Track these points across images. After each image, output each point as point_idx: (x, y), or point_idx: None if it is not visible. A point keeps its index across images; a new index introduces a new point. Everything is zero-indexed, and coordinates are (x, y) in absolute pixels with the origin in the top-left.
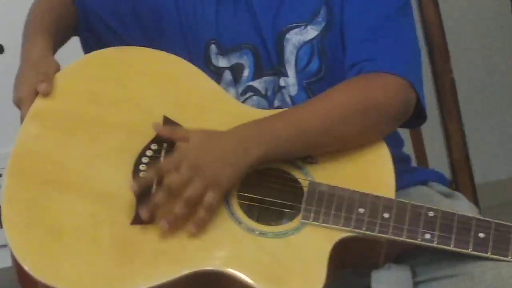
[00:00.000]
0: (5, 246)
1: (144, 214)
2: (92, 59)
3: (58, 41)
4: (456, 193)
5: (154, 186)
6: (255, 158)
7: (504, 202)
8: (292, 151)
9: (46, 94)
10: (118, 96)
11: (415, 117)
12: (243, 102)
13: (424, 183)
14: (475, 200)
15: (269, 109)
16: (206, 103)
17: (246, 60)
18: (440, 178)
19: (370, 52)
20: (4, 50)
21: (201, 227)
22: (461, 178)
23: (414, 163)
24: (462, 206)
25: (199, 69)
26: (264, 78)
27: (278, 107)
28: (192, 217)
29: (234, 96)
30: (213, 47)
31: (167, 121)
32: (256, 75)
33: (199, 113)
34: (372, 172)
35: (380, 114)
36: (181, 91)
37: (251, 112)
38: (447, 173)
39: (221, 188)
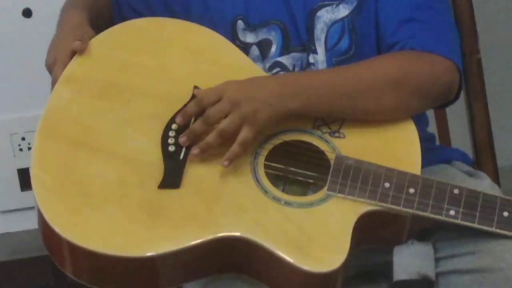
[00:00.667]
0: (29, 208)
1: (181, 139)
2: (125, 28)
3: (94, 22)
4: (480, 172)
5: (193, 120)
6: (293, 108)
7: None
8: (329, 110)
9: (81, 52)
10: (149, 65)
11: None
12: None
13: (447, 162)
14: (497, 182)
15: None
16: (236, 75)
17: (274, 36)
18: (463, 158)
19: (411, 31)
20: (32, 14)
21: (233, 161)
22: (483, 159)
23: (437, 142)
24: (484, 185)
25: (230, 42)
26: (292, 54)
27: None
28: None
29: None
30: (240, 23)
31: (197, 89)
32: (284, 51)
33: None
34: (399, 149)
35: (422, 90)
36: (212, 63)
37: None
38: (470, 153)
39: (258, 126)
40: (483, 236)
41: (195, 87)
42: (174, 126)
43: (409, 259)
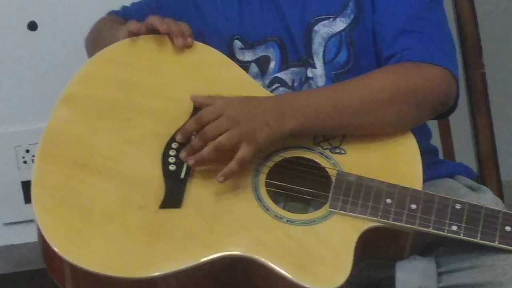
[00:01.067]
0: (32, 221)
1: (182, 154)
2: (125, 45)
3: None
4: (483, 187)
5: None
6: (291, 127)
7: None
8: (328, 127)
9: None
10: (149, 84)
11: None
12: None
13: (451, 176)
14: (500, 197)
15: None
16: (236, 92)
17: (272, 53)
18: (467, 172)
19: (407, 43)
20: (38, 27)
21: (228, 178)
22: (487, 173)
23: (441, 156)
24: (487, 199)
25: (229, 59)
26: (291, 69)
27: None
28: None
29: None
30: (236, 42)
31: (196, 110)
32: (282, 67)
33: None
34: (400, 164)
35: (419, 102)
36: (212, 81)
37: None
38: (473, 167)
39: (256, 144)
40: (485, 250)
41: (195, 107)
42: (174, 145)
43: (411, 275)
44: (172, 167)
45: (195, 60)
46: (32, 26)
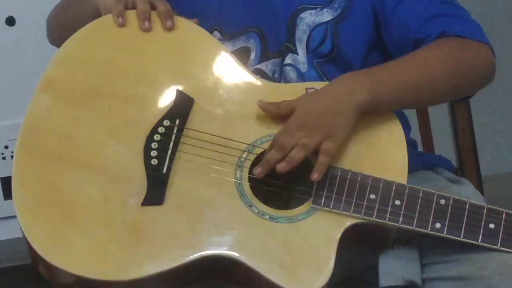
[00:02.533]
0: (11, 217)
1: (257, 171)
2: (106, 23)
3: None
4: (463, 179)
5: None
6: (362, 101)
7: (509, 195)
8: (391, 102)
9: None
10: (130, 66)
11: None
12: None
13: (430, 168)
14: (480, 190)
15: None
16: (220, 75)
17: (252, 44)
18: (446, 164)
19: (443, 23)
20: (16, 22)
21: (323, 172)
22: (467, 167)
23: (420, 149)
24: (468, 192)
25: (217, 40)
26: (271, 60)
27: None
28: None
29: None
30: (216, 33)
31: (179, 93)
32: (262, 58)
33: (212, 85)
34: (385, 153)
35: (472, 76)
36: (195, 62)
37: (268, 85)
38: (453, 161)
39: (336, 137)
40: (467, 243)
41: (178, 91)
42: (156, 136)
43: (395, 265)
44: (154, 162)
45: (179, 39)
46: (10, 21)
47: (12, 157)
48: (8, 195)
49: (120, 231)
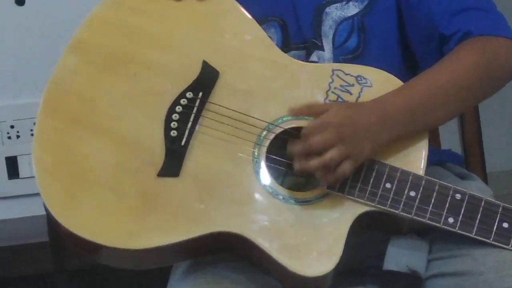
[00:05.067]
0: (15, 197)
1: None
2: None
3: None
4: (472, 174)
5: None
6: (389, 139)
7: None
8: (424, 127)
9: None
10: (159, 34)
11: None
12: None
13: (440, 163)
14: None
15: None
16: (248, 49)
17: (273, 33)
18: (455, 159)
19: (468, 20)
20: (25, 2)
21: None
22: (473, 162)
23: None
24: (477, 187)
25: (247, 13)
26: (292, 52)
27: None
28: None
29: None
30: None
31: (206, 66)
32: (283, 49)
33: (239, 59)
34: (405, 144)
35: (500, 76)
36: (223, 34)
37: (294, 63)
38: None
39: (358, 161)
40: (465, 240)
41: (204, 61)
42: (178, 108)
43: (403, 252)
44: (173, 133)
45: (210, 9)
46: (20, 1)
47: (17, 137)
48: (12, 174)
49: (131, 199)
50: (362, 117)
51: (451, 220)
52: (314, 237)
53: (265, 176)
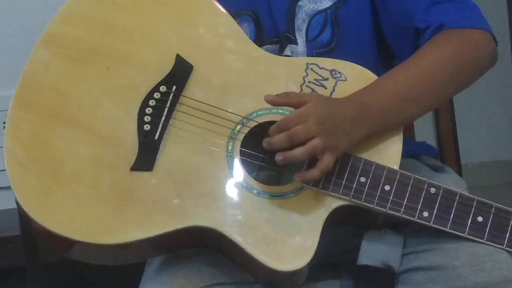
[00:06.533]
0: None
1: (264, 144)
2: None
3: None
4: (446, 167)
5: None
6: (366, 133)
7: (488, 184)
8: (398, 122)
9: None
10: (134, 28)
11: None
12: None
13: (414, 156)
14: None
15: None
16: (222, 42)
17: (246, 27)
18: (430, 151)
19: (442, 12)
20: None
21: (308, 182)
22: (447, 154)
23: None
24: (451, 179)
25: (221, 7)
26: (266, 46)
27: None
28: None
29: None
30: None
31: (179, 59)
32: (256, 43)
33: (214, 53)
34: (380, 138)
35: (474, 68)
36: (197, 28)
37: (269, 57)
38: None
39: (336, 154)
40: (439, 234)
41: (177, 55)
42: (151, 102)
43: (377, 246)
44: (146, 127)
45: (184, 3)
46: None
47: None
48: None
49: (107, 194)
50: (340, 111)
51: (425, 214)
52: (288, 231)
53: (239, 170)
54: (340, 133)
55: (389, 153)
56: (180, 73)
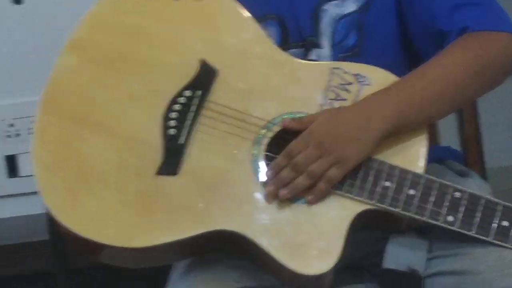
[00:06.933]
0: (15, 195)
1: (270, 188)
2: None
3: None
4: (472, 172)
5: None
6: (381, 131)
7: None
8: (415, 121)
9: None
10: (158, 33)
11: None
12: None
13: (439, 161)
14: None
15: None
16: (246, 47)
17: (271, 31)
18: (455, 155)
19: (467, 15)
20: (23, 0)
21: (319, 198)
22: (471, 159)
23: None
24: (475, 185)
25: (246, 11)
26: (291, 50)
27: None
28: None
29: None
30: None
31: (204, 64)
32: (282, 48)
33: (238, 57)
34: (405, 142)
35: (496, 71)
36: (222, 32)
37: (293, 61)
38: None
39: (347, 164)
40: (464, 238)
41: (202, 60)
42: (177, 106)
43: (402, 250)
44: (172, 131)
45: (209, 7)
46: None
47: (17, 135)
48: (12, 173)
49: (132, 198)
50: (343, 122)
51: (450, 218)
52: (313, 235)
53: (264, 175)
54: (345, 144)
55: (413, 157)
56: (204, 77)
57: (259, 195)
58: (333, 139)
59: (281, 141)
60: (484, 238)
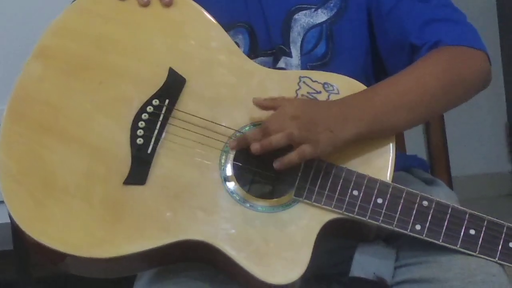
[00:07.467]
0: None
1: (231, 144)
2: None
3: None
4: (438, 180)
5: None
6: (353, 134)
7: (478, 196)
8: (387, 129)
9: None
10: (126, 42)
11: None
12: None
13: (406, 169)
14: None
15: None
16: (214, 55)
17: (241, 39)
18: (421, 164)
19: (439, 30)
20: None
21: (284, 167)
22: (438, 167)
23: None
24: (443, 192)
25: (213, 19)
26: (259, 58)
27: None
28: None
29: None
30: None
31: (172, 73)
32: (250, 56)
33: (205, 66)
34: (372, 151)
35: (468, 87)
36: (190, 40)
37: (261, 70)
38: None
39: (318, 149)
40: (431, 246)
41: (170, 68)
42: (144, 115)
43: (370, 259)
44: (139, 141)
45: (177, 16)
46: None
47: None
48: None
49: (100, 207)
50: (323, 109)
51: (418, 227)
52: (281, 244)
53: (232, 183)
54: (321, 128)
55: (381, 166)
56: (172, 86)
57: (227, 204)
58: (310, 119)
59: (249, 151)
60: (451, 246)
